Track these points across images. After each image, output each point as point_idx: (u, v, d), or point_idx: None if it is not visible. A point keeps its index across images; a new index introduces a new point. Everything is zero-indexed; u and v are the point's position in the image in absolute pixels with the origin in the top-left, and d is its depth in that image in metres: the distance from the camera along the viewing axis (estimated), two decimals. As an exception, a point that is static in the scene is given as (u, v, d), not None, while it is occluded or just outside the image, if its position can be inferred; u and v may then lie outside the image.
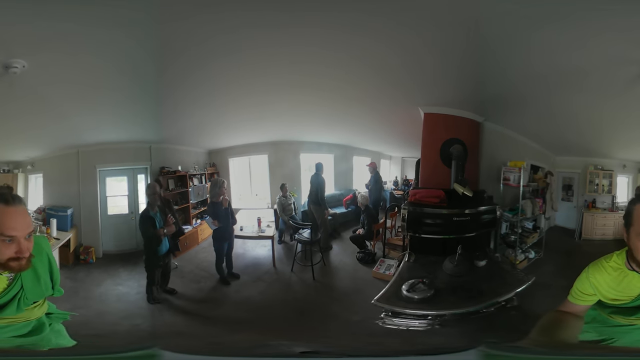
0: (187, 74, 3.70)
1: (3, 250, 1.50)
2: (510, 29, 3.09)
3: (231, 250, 4.34)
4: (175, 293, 3.97)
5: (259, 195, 5.06)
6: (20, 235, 1.51)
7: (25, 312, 1.72)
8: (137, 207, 4.16)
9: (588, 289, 1.69)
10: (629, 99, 3.71)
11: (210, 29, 3.14)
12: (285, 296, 4.16)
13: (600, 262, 1.70)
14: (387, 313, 3.36)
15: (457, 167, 4.18)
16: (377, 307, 3.42)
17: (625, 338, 1.74)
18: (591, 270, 1.70)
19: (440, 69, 3.78)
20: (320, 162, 4.76)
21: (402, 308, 3.34)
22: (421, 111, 4.36)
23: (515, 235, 4.38)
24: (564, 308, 1.78)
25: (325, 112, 4.45)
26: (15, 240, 1.50)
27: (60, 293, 1.86)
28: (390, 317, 3.36)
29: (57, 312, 1.97)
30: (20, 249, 1.52)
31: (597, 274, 1.68)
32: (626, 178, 4.58)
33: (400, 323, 3.34)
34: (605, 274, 1.66)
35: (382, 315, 3.37)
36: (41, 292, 1.75)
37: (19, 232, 1.51)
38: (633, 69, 3.40)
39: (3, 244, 1.50)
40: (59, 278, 1.83)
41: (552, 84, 3.75)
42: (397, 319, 3.36)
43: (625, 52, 3.22)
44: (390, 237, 4.81)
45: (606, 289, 1.66)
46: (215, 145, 4.76)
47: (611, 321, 1.74)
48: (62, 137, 3.92)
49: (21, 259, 1.53)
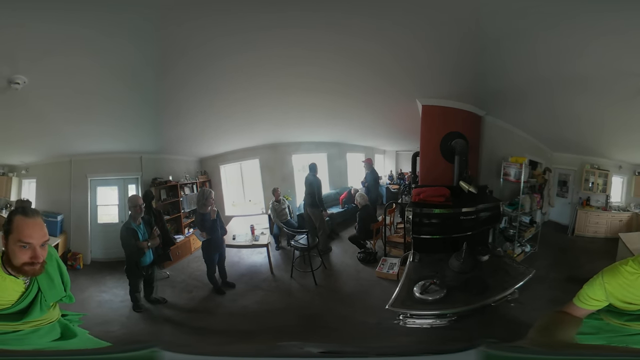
0: (176, 84, 3.81)
1: (19, 255, 1.71)
2: (513, 24, 3.12)
3: (223, 260, 4.19)
4: (164, 302, 3.81)
5: (253, 201, 4.96)
6: (36, 243, 1.72)
7: (47, 314, 1.91)
8: (126, 216, 3.99)
9: (599, 295, 1.70)
10: (630, 103, 3.78)
11: (197, 37, 3.27)
12: (286, 304, 3.92)
13: (616, 268, 1.71)
14: (406, 315, 3.20)
15: (460, 162, 4.09)
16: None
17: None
18: (606, 277, 1.70)
19: (438, 60, 3.75)
20: (313, 163, 4.70)
21: (419, 310, 3.20)
22: (419, 103, 4.27)
23: (514, 230, 4.39)
24: (567, 309, 1.80)
25: (314, 108, 4.43)
26: (30, 247, 1.71)
27: (72, 300, 2.06)
28: (409, 318, 3.21)
29: (71, 314, 2.15)
30: (35, 255, 1.72)
31: (613, 279, 1.68)
32: (621, 179, 4.67)
33: (422, 322, 3.22)
34: (622, 279, 1.66)
35: (400, 317, 3.21)
36: (56, 293, 1.93)
37: (35, 240, 1.72)
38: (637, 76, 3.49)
39: (20, 250, 1.71)
40: (69, 281, 2.02)
41: (553, 81, 3.78)
42: (416, 319, 3.21)
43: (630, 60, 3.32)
44: (390, 235, 4.61)
45: (623, 293, 1.66)
46: (205, 153, 4.78)
47: (627, 329, 1.72)
48: (56, 146, 4.04)
49: (35, 264, 1.73)
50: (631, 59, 3.32)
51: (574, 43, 3.24)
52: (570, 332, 1.71)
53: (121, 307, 3.67)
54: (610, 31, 3.02)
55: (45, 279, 1.85)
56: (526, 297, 3.31)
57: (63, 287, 1.96)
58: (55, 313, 1.96)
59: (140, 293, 3.77)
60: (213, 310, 3.85)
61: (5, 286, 1.74)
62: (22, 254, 1.69)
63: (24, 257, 1.70)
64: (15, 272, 1.74)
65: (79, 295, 3.75)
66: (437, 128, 4.26)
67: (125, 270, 3.74)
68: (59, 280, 1.93)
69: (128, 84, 3.74)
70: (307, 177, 4.67)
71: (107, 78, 3.61)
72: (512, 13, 3.02)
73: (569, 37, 3.17)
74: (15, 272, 1.74)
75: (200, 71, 3.75)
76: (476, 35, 3.30)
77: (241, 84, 3.98)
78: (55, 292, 1.89)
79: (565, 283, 3.79)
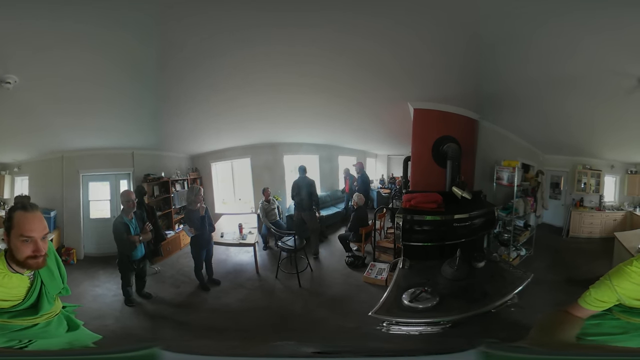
0: (170, 81, 3.77)
1: (22, 249, 1.77)
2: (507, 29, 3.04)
3: (210, 257, 4.29)
4: (150, 297, 3.96)
5: (242, 200, 5.01)
6: (37, 236, 1.77)
7: (53, 306, 1.99)
8: (118, 211, 4.07)
9: (607, 297, 1.70)
10: (620, 102, 3.75)
11: (192, 34, 3.19)
12: (267, 303, 3.99)
13: (622, 269, 1.70)
14: (390, 322, 3.17)
15: (453, 167, 3.97)
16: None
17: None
18: (614, 279, 1.69)
19: (431, 64, 3.62)
20: (302, 165, 4.64)
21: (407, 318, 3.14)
22: (410, 107, 4.15)
23: (508, 234, 4.30)
24: (570, 310, 1.79)
25: (308, 111, 4.36)
26: (32, 240, 1.77)
27: (69, 292, 2.12)
28: (393, 325, 3.17)
29: (69, 305, 2.21)
30: (37, 248, 1.77)
31: (622, 281, 1.67)
32: (613, 178, 4.70)
33: (409, 330, 3.17)
34: (631, 279, 1.66)
35: (384, 324, 3.17)
36: (57, 285, 2.01)
37: (36, 234, 1.77)
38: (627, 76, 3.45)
39: (22, 244, 1.76)
40: (65, 273, 2.08)
41: (545, 86, 3.75)
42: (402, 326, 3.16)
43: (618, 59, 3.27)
44: (379, 240, 4.59)
45: (634, 292, 1.67)
46: (197, 150, 4.79)
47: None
48: (47, 143, 4.10)
49: (38, 257, 1.79)
50: (619, 58, 3.27)
51: (564, 43, 3.14)
52: (570, 331, 1.73)
53: (114, 302, 3.82)
54: (598, 30, 2.94)
55: (46, 272, 1.92)
56: (526, 301, 3.31)
57: (61, 279, 2.03)
58: (58, 305, 2.05)
59: (132, 287, 3.91)
60: (197, 306, 3.93)
61: (12, 283, 1.81)
62: (25, 248, 1.75)
63: (27, 251, 1.75)
64: (19, 267, 1.81)
65: (74, 289, 3.99)
66: (429, 132, 4.15)
67: (117, 264, 3.87)
68: (58, 273, 2.01)
69: (121, 79, 3.69)
70: (299, 179, 4.60)
71: (99, 73, 3.55)
72: (504, 15, 2.90)
73: (558, 37, 3.07)
74: (19, 267, 1.81)
75: (196, 67, 3.66)
76: (471, 38, 3.22)
77: (236, 81, 3.90)
78: (55, 284, 1.97)
79: (564, 285, 3.80)
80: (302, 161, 4.62)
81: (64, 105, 3.81)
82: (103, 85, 3.71)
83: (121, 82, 3.71)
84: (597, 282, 1.75)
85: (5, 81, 3.42)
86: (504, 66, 3.53)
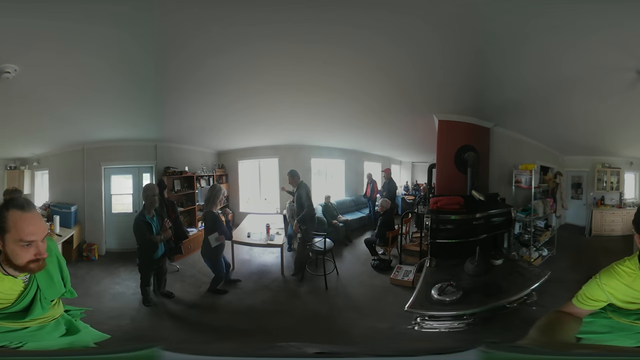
0: (193, 71, 3.49)
1: (22, 254, 1.55)
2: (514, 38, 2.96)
3: (229, 269, 4.06)
4: (172, 297, 3.81)
5: (268, 200, 4.87)
6: (38, 239, 1.57)
7: (50, 311, 1.81)
8: (141, 205, 3.90)
9: (597, 296, 1.70)
10: (632, 97, 3.68)
11: (215, 23, 2.89)
12: (294, 306, 3.89)
13: (612, 268, 1.69)
14: (424, 317, 3.31)
15: (472, 173, 4.24)
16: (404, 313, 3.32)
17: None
18: (604, 278, 1.69)
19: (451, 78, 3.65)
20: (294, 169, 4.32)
21: (437, 311, 3.31)
22: (435, 118, 4.34)
23: (528, 235, 4.42)
24: (566, 309, 1.80)
25: (338, 117, 4.30)
26: (33, 244, 1.56)
27: (74, 295, 1.94)
28: (425, 321, 3.32)
29: (73, 309, 2.05)
30: (38, 251, 1.58)
31: (610, 280, 1.67)
32: (633, 175, 4.72)
33: (439, 326, 3.30)
34: (619, 279, 1.65)
35: (417, 320, 3.31)
36: (56, 290, 1.81)
37: (38, 237, 1.56)
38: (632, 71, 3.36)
39: (22, 249, 1.54)
40: (68, 276, 1.89)
41: (557, 88, 3.72)
42: (433, 321, 3.32)
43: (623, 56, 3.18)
44: (405, 244, 4.66)
45: (623, 292, 1.65)
46: (224, 146, 4.63)
47: (636, 327, 1.70)
48: (67, 135, 3.89)
49: (39, 260, 1.59)
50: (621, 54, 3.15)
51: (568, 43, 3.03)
52: (570, 331, 1.72)
53: (132, 300, 3.70)
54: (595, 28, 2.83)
55: (44, 277, 1.74)
56: (546, 300, 3.35)
57: (63, 283, 1.85)
58: (58, 309, 1.88)
59: (150, 287, 3.76)
60: (219, 308, 3.80)
61: (3, 287, 1.62)
62: (25, 253, 1.55)
63: (28, 256, 1.55)
64: (17, 272, 1.62)
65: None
66: (452, 142, 4.40)
67: (138, 264, 3.70)
68: (59, 277, 1.83)
69: (143, 69, 3.40)
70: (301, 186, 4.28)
71: (120, 63, 3.27)
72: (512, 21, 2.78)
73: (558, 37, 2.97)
74: (17, 272, 1.62)
75: (225, 55, 3.35)
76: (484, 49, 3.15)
77: (268, 78, 3.64)
78: (54, 289, 1.80)
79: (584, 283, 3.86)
80: (329, 165, 4.44)
81: (83, 96, 3.52)
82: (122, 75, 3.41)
83: (142, 71, 3.41)
84: (589, 281, 1.75)
85: (5, 71, 3.05)
86: (517, 73, 3.49)
